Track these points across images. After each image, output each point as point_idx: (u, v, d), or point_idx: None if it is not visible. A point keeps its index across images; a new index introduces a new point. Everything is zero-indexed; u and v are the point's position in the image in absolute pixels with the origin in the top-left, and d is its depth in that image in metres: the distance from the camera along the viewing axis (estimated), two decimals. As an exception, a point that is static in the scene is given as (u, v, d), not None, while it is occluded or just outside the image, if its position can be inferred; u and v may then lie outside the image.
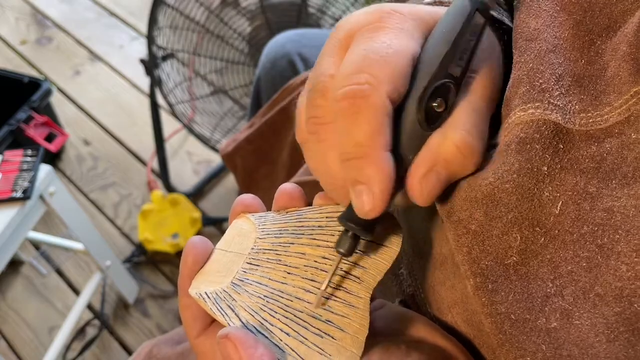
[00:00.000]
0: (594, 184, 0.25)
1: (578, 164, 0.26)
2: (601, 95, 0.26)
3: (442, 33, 0.27)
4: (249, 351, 0.25)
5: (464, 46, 0.27)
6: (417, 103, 0.26)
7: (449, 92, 0.27)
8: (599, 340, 0.23)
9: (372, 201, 0.25)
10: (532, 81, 0.27)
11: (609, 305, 0.23)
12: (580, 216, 0.25)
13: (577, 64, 0.28)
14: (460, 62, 0.27)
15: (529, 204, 0.26)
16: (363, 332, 0.27)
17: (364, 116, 0.25)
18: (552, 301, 0.25)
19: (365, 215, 0.26)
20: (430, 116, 0.26)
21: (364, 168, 0.25)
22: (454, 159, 0.27)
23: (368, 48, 0.26)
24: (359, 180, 0.25)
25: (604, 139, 0.25)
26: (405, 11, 0.28)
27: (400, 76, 0.25)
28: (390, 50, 0.25)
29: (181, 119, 1.28)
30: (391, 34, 0.26)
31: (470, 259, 0.27)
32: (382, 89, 0.25)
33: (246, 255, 0.30)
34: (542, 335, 0.25)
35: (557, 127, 0.26)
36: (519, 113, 0.27)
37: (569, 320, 0.24)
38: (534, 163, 0.26)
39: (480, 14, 0.28)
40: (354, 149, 0.25)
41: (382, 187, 0.25)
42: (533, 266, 0.26)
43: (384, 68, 0.25)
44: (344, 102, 0.25)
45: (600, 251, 0.24)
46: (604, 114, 0.26)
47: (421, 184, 0.27)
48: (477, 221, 0.27)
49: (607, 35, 0.28)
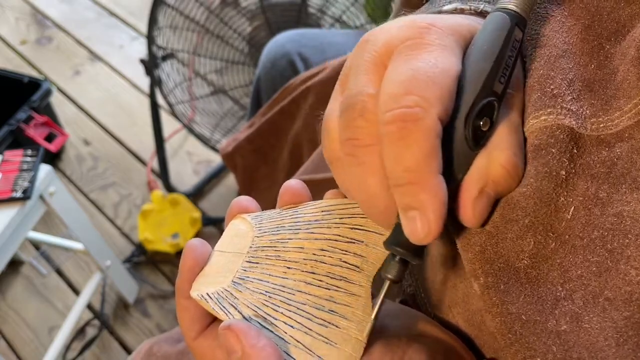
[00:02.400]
0: (604, 189, 0.25)
1: (589, 169, 0.25)
2: (611, 99, 0.26)
3: (484, 49, 0.27)
4: (251, 341, 0.25)
5: (505, 63, 0.26)
6: (464, 123, 0.26)
7: (493, 110, 0.26)
8: (608, 344, 0.23)
9: (428, 227, 0.24)
10: (543, 87, 0.27)
11: (619, 309, 0.23)
12: (590, 221, 0.25)
13: (587, 68, 0.27)
14: (502, 78, 0.26)
15: (546, 208, 0.25)
16: (367, 318, 0.28)
17: (415, 140, 0.24)
18: (562, 304, 0.25)
19: (420, 241, 0.25)
20: (477, 135, 0.26)
21: (418, 194, 0.24)
22: (502, 180, 0.26)
23: (414, 67, 0.25)
24: (411, 206, 0.24)
25: (614, 144, 0.25)
26: (443, 26, 0.27)
27: (448, 96, 0.25)
28: (437, 70, 0.25)
29: (181, 119, 1.28)
30: (435, 52, 0.25)
31: (483, 259, 0.27)
32: (433, 112, 0.24)
33: (245, 254, 0.30)
34: (552, 337, 0.25)
35: (571, 131, 0.26)
36: (531, 121, 0.27)
37: (578, 324, 0.24)
38: (552, 167, 0.25)
39: (519, 28, 0.27)
40: (405, 175, 0.24)
41: (438, 212, 0.24)
42: (543, 270, 0.26)
43: (432, 89, 0.24)
44: (393, 125, 0.24)
45: (610, 256, 0.24)
46: (614, 119, 0.26)
47: (474, 207, 0.26)
48: (493, 222, 0.27)
49: (616, 39, 0.27)
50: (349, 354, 0.27)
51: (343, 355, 0.27)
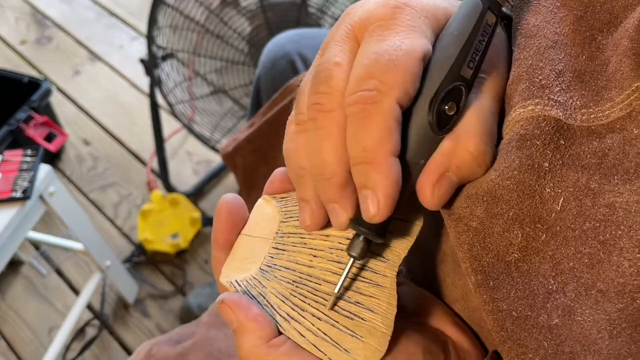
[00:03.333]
0: (595, 179, 0.25)
1: (580, 160, 0.25)
2: (602, 90, 0.26)
3: (454, 34, 0.27)
4: (244, 312, 0.27)
5: (475, 47, 0.26)
6: (429, 107, 0.26)
7: (461, 95, 0.26)
8: (601, 336, 0.23)
9: (377, 206, 0.25)
10: (532, 77, 0.27)
11: (611, 301, 0.23)
12: (582, 212, 0.25)
13: (578, 59, 0.27)
14: (472, 63, 0.26)
15: (530, 200, 0.26)
16: (392, 310, 0.28)
17: (372, 122, 0.25)
18: (553, 298, 0.25)
19: (370, 219, 0.26)
20: (441, 120, 0.26)
21: (370, 173, 0.25)
22: (467, 166, 0.26)
23: (378, 50, 0.25)
24: (365, 185, 0.25)
25: (605, 135, 0.25)
26: (418, 6, 0.27)
27: (411, 79, 0.25)
28: (400, 52, 0.25)
29: (181, 119, 1.28)
30: (402, 33, 0.26)
31: (471, 256, 0.27)
32: (392, 95, 0.25)
33: (271, 240, 0.30)
34: (543, 332, 0.25)
35: (557, 123, 0.26)
36: (518, 110, 0.27)
37: (571, 317, 0.24)
38: (535, 159, 0.26)
39: (492, 13, 0.27)
40: (361, 154, 0.25)
41: (387, 192, 0.25)
42: (534, 263, 0.26)
43: (393, 72, 0.25)
44: (354, 106, 0.25)
45: (602, 247, 0.24)
46: (605, 110, 0.26)
47: (433, 190, 0.26)
48: (478, 218, 0.27)
49: (608, 30, 0.27)
50: (375, 347, 0.27)
51: (369, 349, 0.27)
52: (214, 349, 0.47)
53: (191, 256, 1.33)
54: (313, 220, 0.28)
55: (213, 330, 0.48)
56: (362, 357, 0.27)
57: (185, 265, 1.32)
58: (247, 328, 0.27)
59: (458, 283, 0.32)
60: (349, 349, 0.27)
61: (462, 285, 0.32)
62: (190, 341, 0.48)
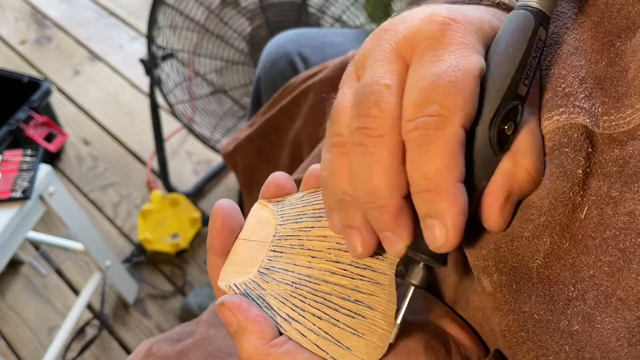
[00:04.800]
0: (617, 188, 0.25)
1: (602, 168, 0.25)
2: (623, 97, 0.26)
3: (508, 50, 0.26)
4: (244, 314, 0.27)
5: (530, 64, 0.26)
6: (489, 128, 0.25)
7: (517, 113, 0.26)
8: (620, 344, 0.23)
9: (446, 236, 0.24)
10: (555, 87, 0.27)
11: (631, 309, 0.23)
12: (603, 221, 0.25)
13: (598, 66, 0.27)
14: (527, 80, 0.26)
15: (563, 208, 0.25)
16: (392, 307, 0.28)
17: (436, 148, 0.24)
18: (574, 305, 0.25)
19: (438, 250, 0.25)
20: (501, 140, 0.25)
21: (436, 202, 0.24)
22: (527, 185, 0.26)
23: (435, 72, 0.24)
24: (431, 214, 0.24)
25: (626, 142, 0.25)
26: (465, 21, 0.26)
27: (471, 101, 0.24)
28: (459, 73, 0.24)
29: (181, 119, 1.28)
30: (457, 52, 0.25)
31: (498, 256, 0.27)
32: (455, 120, 0.24)
33: (269, 243, 0.30)
34: (565, 337, 0.25)
35: (586, 129, 0.26)
36: (544, 122, 0.27)
37: (590, 324, 0.24)
38: (567, 166, 0.25)
39: (543, 27, 0.26)
40: (425, 181, 0.24)
41: (456, 221, 0.24)
42: (555, 270, 0.25)
43: (454, 95, 0.24)
44: (415, 132, 0.24)
45: (622, 255, 0.24)
46: (626, 117, 0.25)
47: (501, 212, 0.26)
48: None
49: (627, 36, 0.27)
50: (376, 344, 0.27)
51: (371, 345, 0.27)
52: (214, 348, 0.47)
53: (191, 256, 1.33)
54: (364, 248, 0.27)
55: (213, 329, 0.48)
56: (365, 355, 0.27)
57: (185, 265, 1.32)
58: (248, 329, 0.27)
59: (459, 283, 0.32)
60: (351, 346, 0.27)
61: (464, 284, 0.32)
62: (191, 340, 0.48)
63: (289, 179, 0.33)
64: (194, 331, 0.50)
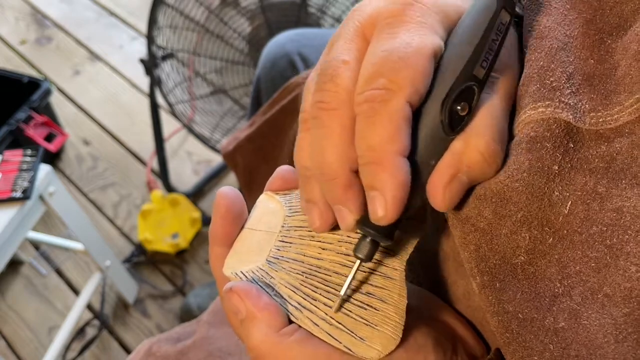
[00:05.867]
0: (603, 184, 0.25)
1: (588, 163, 0.25)
2: (611, 94, 0.26)
3: (467, 32, 0.26)
4: (253, 300, 0.27)
5: (489, 46, 0.26)
6: (441, 107, 0.25)
7: (473, 95, 0.26)
8: (607, 341, 0.23)
9: (385, 208, 0.24)
10: (543, 79, 0.27)
11: (618, 306, 0.23)
12: (589, 216, 0.25)
13: (587, 62, 0.27)
14: (485, 63, 0.26)
15: (539, 203, 0.25)
16: (403, 301, 0.28)
17: (381, 121, 0.24)
18: (560, 301, 0.25)
19: (377, 221, 0.25)
20: (453, 120, 0.25)
21: (378, 173, 0.24)
22: (478, 166, 0.26)
23: (387, 48, 0.25)
24: (373, 185, 0.25)
25: (614, 139, 0.25)
26: (429, 3, 0.27)
27: (421, 78, 0.25)
28: (410, 50, 0.24)
29: (181, 119, 1.28)
30: (413, 30, 0.25)
31: (478, 257, 0.27)
32: (401, 94, 0.24)
33: (277, 233, 0.30)
34: (549, 335, 0.25)
35: (568, 125, 0.26)
36: (529, 112, 0.27)
37: (577, 321, 0.24)
38: (545, 162, 0.25)
39: (506, 11, 0.26)
40: (369, 153, 0.24)
41: (395, 194, 0.24)
42: (541, 266, 0.25)
43: (403, 71, 0.24)
44: (363, 105, 0.25)
45: (609, 251, 0.24)
46: (614, 114, 0.25)
47: (445, 192, 0.26)
48: (486, 219, 0.27)
49: (618, 34, 0.27)
50: (389, 336, 0.27)
51: (384, 337, 0.27)
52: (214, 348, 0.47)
53: (191, 256, 1.33)
54: (322, 222, 0.28)
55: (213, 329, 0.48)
56: (379, 345, 0.27)
57: (185, 265, 1.32)
58: (257, 317, 0.27)
59: (460, 283, 0.32)
60: (364, 337, 0.27)
61: (464, 285, 0.32)
62: (191, 340, 0.48)
63: (295, 173, 0.33)
64: (194, 331, 0.50)
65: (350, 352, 0.27)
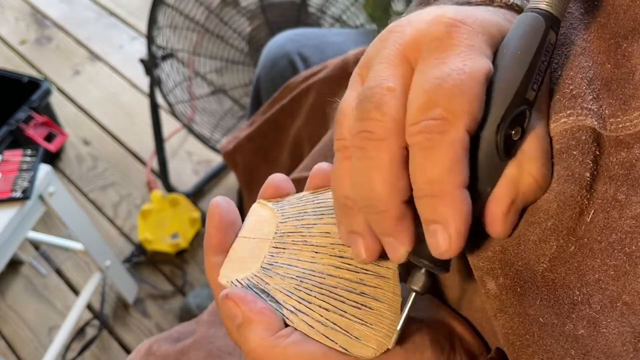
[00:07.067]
0: (623, 191, 0.24)
1: (608, 171, 0.25)
2: (630, 99, 0.25)
3: (517, 54, 0.25)
4: (249, 305, 0.27)
5: (539, 68, 0.25)
6: (496, 133, 0.24)
7: (525, 118, 0.25)
8: (626, 349, 0.23)
9: (449, 242, 0.24)
10: (562, 88, 0.26)
11: (637, 314, 0.23)
12: (609, 224, 0.24)
13: (604, 67, 0.27)
14: (536, 85, 0.25)
15: (571, 211, 0.25)
16: (397, 299, 0.28)
17: (440, 152, 0.23)
18: (578, 309, 0.24)
19: (441, 255, 0.24)
20: (508, 145, 0.25)
21: (439, 207, 0.23)
22: (532, 191, 0.25)
23: (439, 75, 0.24)
24: (434, 219, 0.24)
25: (633, 145, 0.25)
26: (472, 23, 0.25)
27: (477, 104, 0.24)
28: (464, 76, 0.23)
29: (181, 119, 1.28)
30: (463, 54, 0.24)
31: (503, 259, 0.27)
32: (460, 123, 0.23)
33: (271, 240, 0.30)
34: (570, 341, 0.25)
35: (594, 132, 0.25)
36: (552, 125, 0.26)
37: (596, 329, 0.24)
38: (575, 169, 0.25)
39: (553, 31, 0.26)
40: (428, 187, 0.23)
41: (459, 227, 0.23)
42: (560, 273, 0.25)
43: (459, 99, 0.23)
44: (419, 136, 0.24)
45: (628, 259, 0.23)
46: (633, 119, 0.25)
47: (505, 219, 0.25)
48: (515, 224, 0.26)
49: (633, 37, 0.27)
50: (384, 334, 0.28)
51: (379, 335, 0.28)
52: (214, 347, 0.47)
53: (191, 256, 1.33)
54: (369, 254, 0.27)
55: (213, 329, 0.48)
56: (374, 343, 0.27)
57: (185, 265, 1.32)
58: (253, 321, 0.27)
59: (460, 284, 0.32)
60: (360, 336, 0.27)
61: (464, 285, 0.32)
62: (191, 339, 0.48)
63: (288, 180, 0.33)
64: (194, 330, 0.50)
65: (346, 352, 0.27)
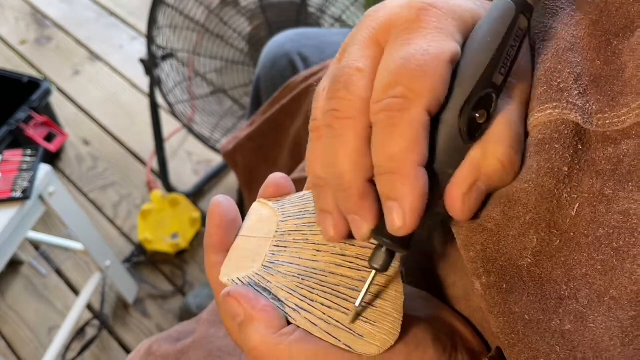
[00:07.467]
0: (610, 186, 0.24)
1: (595, 165, 0.25)
2: (618, 96, 0.26)
3: (485, 38, 0.25)
4: (251, 303, 0.27)
5: (507, 53, 0.25)
6: (459, 115, 0.25)
7: (491, 102, 0.25)
8: (613, 344, 0.23)
9: (403, 219, 0.24)
10: (550, 81, 0.27)
11: (624, 309, 0.23)
12: (595, 219, 0.24)
13: (594, 64, 0.27)
14: (503, 69, 0.25)
15: (548, 205, 0.25)
16: (400, 297, 0.28)
17: (399, 130, 0.24)
18: (566, 304, 0.24)
19: (395, 232, 0.25)
20: (471, 128, 0.25)
21: (396, 184, 0.24)
22: (496, 174, 0.26)
23: (404, 55, 0.24)
24: (391, 196, 0.24)
25: (620, 141, 0.25)
26: (444, 8, 0.26)
27: (440, 85, 0.24)
28: (428, 57, 0.24)
29: (181, 119, 1.28)
30: (429, 36, 0.25)
31: (485, 257, 0.27)
32: (420, 102, 0.24)
33: (272, 239, 0.30)
34: (556, 337, 0.25)
35: (577, 127, 0.25)
36: (536, 114, 0.26)
37: (583, 323, 0.24)
38: (554, 163, 0.25)
39: (525, 16, 0.26)
40: (387, 164, 0.24)
41: (414, 205, 0.24)
42: (547, 268, 0.25)
43: (422, 78, 0.24)
44: (381, 114, 0.24)
45: (615, 254, 0.24)
46: (621, 115, 0.25)
47: (464, 201, 0.26)
48: (494, 220, 0.26)
49: (624, 35, 0.27)
50: (387, 331, 0.28)
51: (383, 332, 0.27)
52: (214, 347, 0.47)
53: (191, 256, 1.33)
54: (336, 232, 0.27)
55: (213, 329, 0.48)
56: (378, 341, 0.27)
57: (185, 265, 1.32)
58: (256, 319, 0.27)
59: (459, 283, 0.32)
60: (363, 334, 0.27)
61: (464, 285, 0.32)
62: (191, 339, 0.48)
63: (288, 179, 0.33)
64: (194, 330, 0.50)
65: (350, 350, 0.27)
